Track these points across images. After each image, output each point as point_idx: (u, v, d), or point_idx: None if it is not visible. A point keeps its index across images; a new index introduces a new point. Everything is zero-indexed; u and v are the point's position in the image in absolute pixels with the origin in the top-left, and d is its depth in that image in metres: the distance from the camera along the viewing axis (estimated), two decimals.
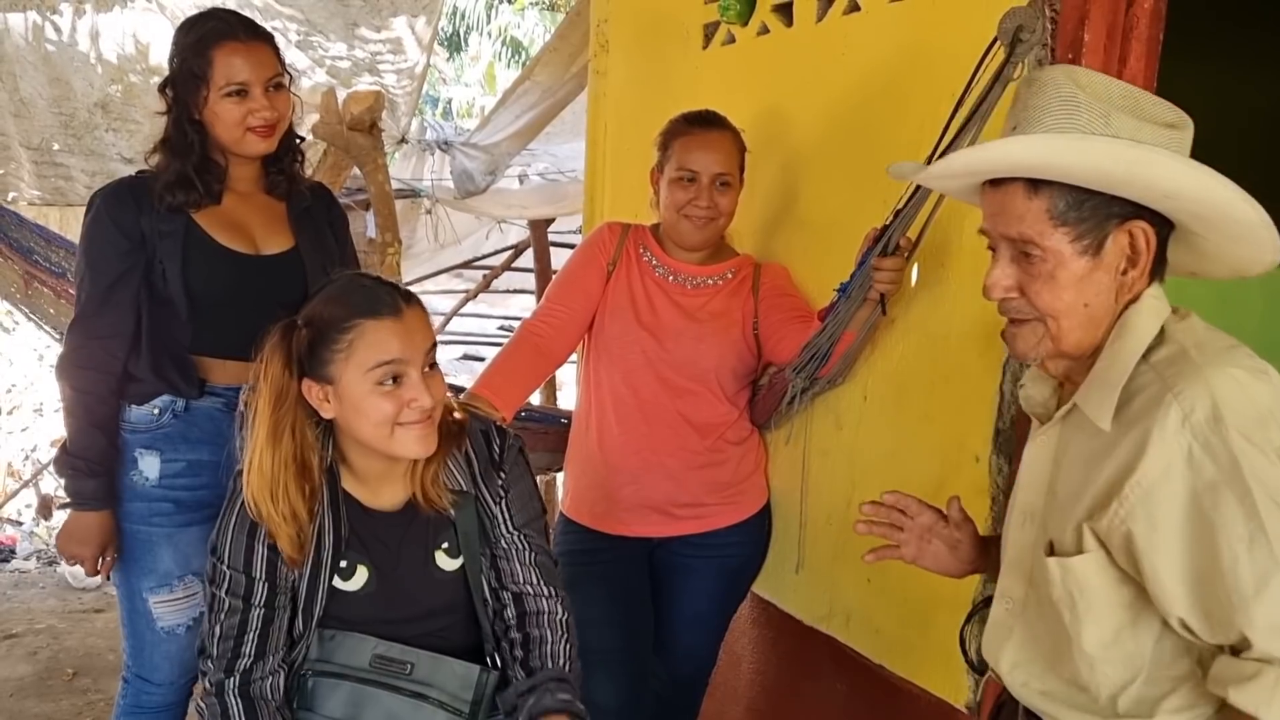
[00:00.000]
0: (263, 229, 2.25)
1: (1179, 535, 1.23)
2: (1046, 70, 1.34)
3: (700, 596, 2.60)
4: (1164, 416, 1.22)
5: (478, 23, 16.02)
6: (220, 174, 2.21)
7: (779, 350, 2.50)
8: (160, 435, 2.20)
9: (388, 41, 4.49)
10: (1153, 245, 1.29)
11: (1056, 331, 1.33)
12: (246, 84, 2.13)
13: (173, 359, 2.18)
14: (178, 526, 2.22)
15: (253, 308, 2.11)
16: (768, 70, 2.77)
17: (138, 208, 2.15)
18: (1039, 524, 1.42)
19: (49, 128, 4.19)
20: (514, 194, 6.29)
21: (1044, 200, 1.29)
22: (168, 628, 2.25)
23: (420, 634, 1.84)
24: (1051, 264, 1.30)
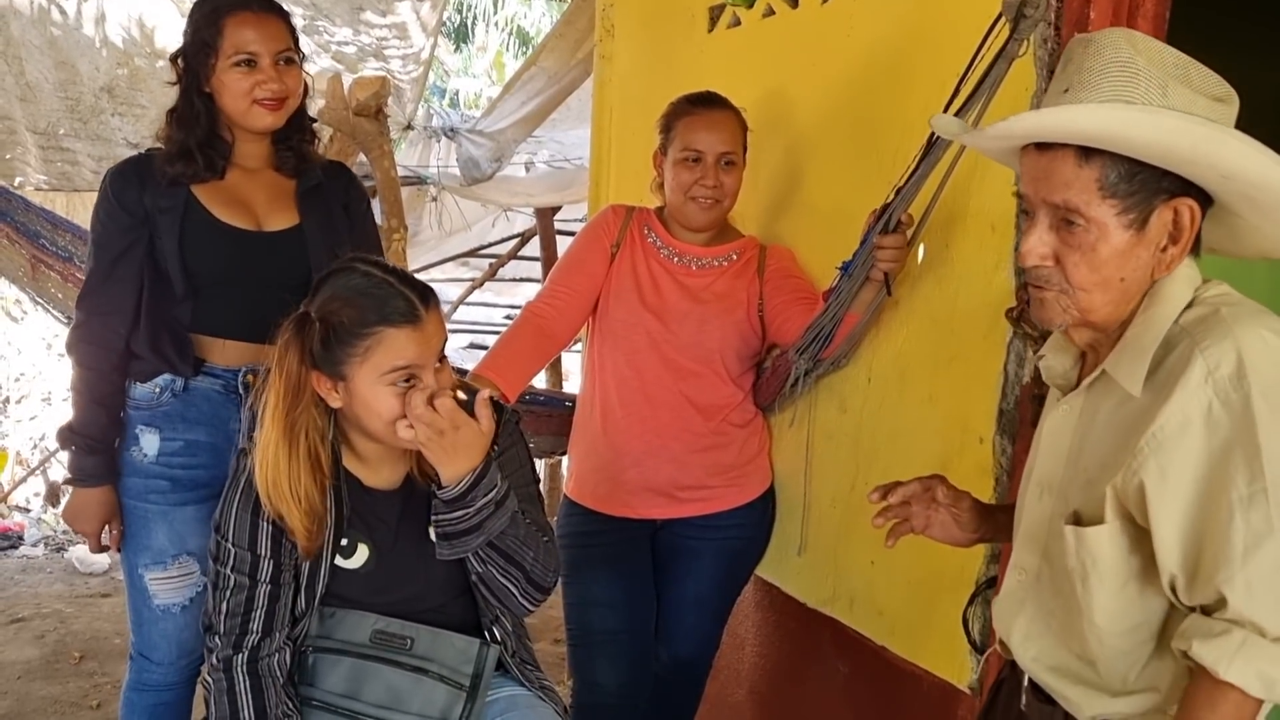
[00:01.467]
0: (267, 205, 2.22)
1: (1186, 488, 1.22)
2: (1104, 33, 1.30)
3: (703, 579, 2.59)
4: (1189, 370, 1.21)
5: (484, 13, 15.98)
6: (225, 149, 2.19)
7: (784, 332, 2.49)
8: (160, 413, 2.20)
9: (393, 27, 4.48)
10: (1198, 223, 1.27)
11: (1088, 304, 1.30)
12: (255, 54, 2.10)
13: (172, 337, 2.17)
14: (173, 505, 2.22)
15: (253, 286, 2.15)
16: (773, 53, 2.77)
17: (141, 184, 2.16)
18: (1058, 494, 1.40)
19: (55, 112, 4.19)
20: (520, 181, 6.29)
21: (1095, 169, 1.25)
22: (163, 605, 2.25)
23: (420, 610, 1.85)
24: (1095, 235, 1.27)
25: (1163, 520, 1.23)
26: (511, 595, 1.82)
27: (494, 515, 1.73)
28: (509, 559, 1.79)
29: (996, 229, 2.09)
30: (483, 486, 1.71)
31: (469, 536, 1.74)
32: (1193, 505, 1.22)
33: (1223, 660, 1.19)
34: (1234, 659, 1.18)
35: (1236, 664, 1.18)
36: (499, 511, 1.74)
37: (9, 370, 9.32)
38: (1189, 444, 1.21)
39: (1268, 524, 1.17)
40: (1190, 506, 1.22)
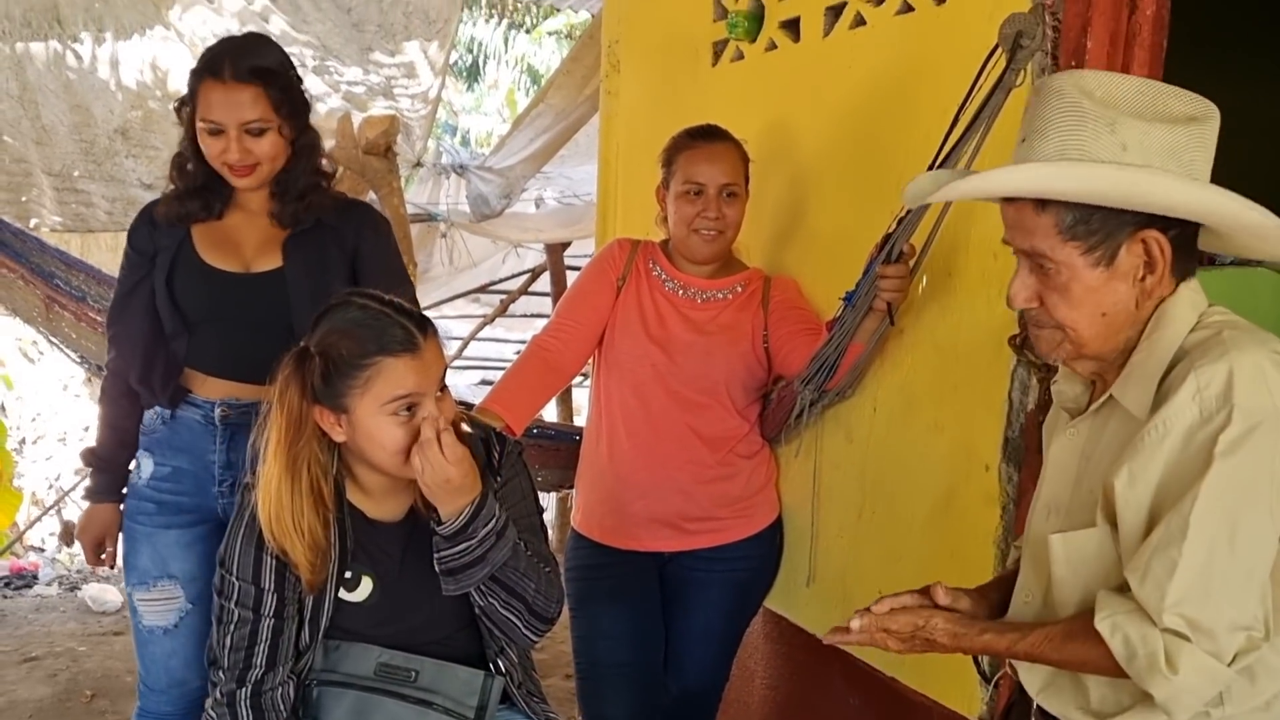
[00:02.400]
0: (257, 247, 2.25)
1: (1148, 493, 1.26)
2: (1054, 78, 1.35)
3: (712, 611, 2.58)
4: (1182, 386, 1.24)
5: (495, 52, 16.15)
6: (224, 192, 2.24)
7: (789, 363, 2.50)
8: (154, 439, 2.30)
9: (401, 66, 4.54)
10: (1167, 252, 1.29)
11: (1076, 339, 1.35)
12: (221, 124, 2.13)
13: (164, 369, 2.25)
14: (157, 527, 2.28)
15: (233, 325, 2.22)
16: (776, 85, 2.79)
17: (152, 224, 2.26)
18: (1064, 516, 1.42)
19: (70, 154, 4.25)
20: (530, 218, 6.34)
21: (1051, 216, 1.30)
22: (149, 626, 2.31)
23: (424, 642, 1.85)
24: (1065, 276, 1.31)
25: (1126, 519, 1.27)
26: (515, 627, 1.82)
27: (496, 546, 1.73)
28: (511, 591, 1.79)
29: (999, 257, 2.09)
30: (482, 517, 1.71)
31: (474, 569, 1.74)
32: (1150, 509, 1.26)
33: (1102, 610, 1.26)
34: (1114, 616, 1.25)
35: (1113, 620, 1.25)
36: (500, 542, 1.74)
37: (25, 410, 9.38)
38: (1162, 453, 1.24)
39: (1181, 530, 1.21)
40: (1149, 510, 1.26)
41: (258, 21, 4.12)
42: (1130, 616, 1.24)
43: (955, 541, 2.20)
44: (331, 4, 4.20)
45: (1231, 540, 1.21)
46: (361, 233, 2.33)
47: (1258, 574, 1.23)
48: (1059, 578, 1.37)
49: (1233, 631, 1.22)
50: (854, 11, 2.50)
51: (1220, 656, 1.22)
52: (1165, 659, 1.21)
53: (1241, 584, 1.22)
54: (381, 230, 2.40)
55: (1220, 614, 1.21)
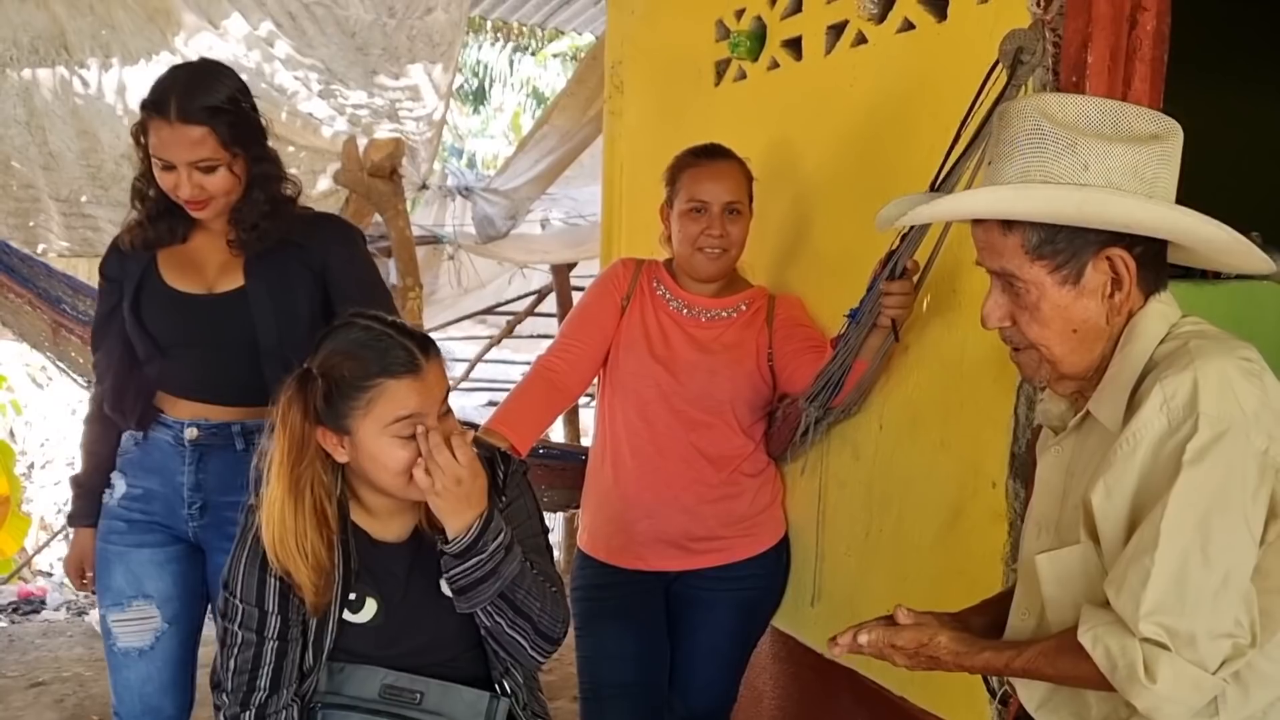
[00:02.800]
0: (219, 268, 2.24)
1: (1124, 505, 1.27)
2: (1015, 102, 1.39)
3: (718, 631, 2.57)
4: (1149, 398, 1.25)
5: (500, 75, 16.22)
6: (186, 216, 2.20)
7: (794, 381, 2.49)
8: (127, 460, 2.31)
9: (406, 89, 4.57)
10: (1133, 268, 1.32)
11: (1050, 357, 1.37)
12: (170, 162, 2.11)
13: (136, 393, 2.26)
14: (129, 546, 2.28)
15: (201, 347, 2.22)
16: (779, 104, 2.80)
17: (122, 252, 2.27)
18: (1054, 533, 1.43)
19: (77, 179, 4.27)
20: (536, 239, 6.36)
21: (1017, 237, 1.33)
22: (123, 649, 2.29)
23: (430, 663, 1.84)
24: (1035, 295, 1.34)
25: (1105, 533, 1.29)
26: (521, 647, 1.81)
27: (506, 560, 1.73)
28: (517, 611, 1.78)
29: None
30: (491, 530, 1.71)
31: (486, 584, 1.73)
32: (1127, 522, 1.27)
33: (1085, 622, 1.27)
34: (1095, 628, 1.26)
35: (1094, 632, 1.26)
36: (509, 556, 1.73)
37: (34, 435, 9.40)
38: (1135, 464, 1.26)
39: (1153, 538, 1.22)
40: (1126, 523, 1.27)
41: (263, 47, 4.15)
42: (1110, 628, 1.25)
43: (963, 559, 2.19)
44: (336, 28, 4.23)
45: (1204, 547, 1.21)
46: (329, 248, 2.28)
47: (1235, 580, 1.22)
48: (1050, 596, 1.38)
49: (1214, 639, 1.21)
50: (855, 30, 2.51)
51: (1203, 665, 1.21)
52: (1144, 668, 1.21)
53: (1217, 590, 1.21)
54: (351, 242, 2.36)
55: (1198, 622, 1.21)
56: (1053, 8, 1.92)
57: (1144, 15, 1.91)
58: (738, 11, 2.92)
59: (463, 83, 15.05)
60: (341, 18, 4.19)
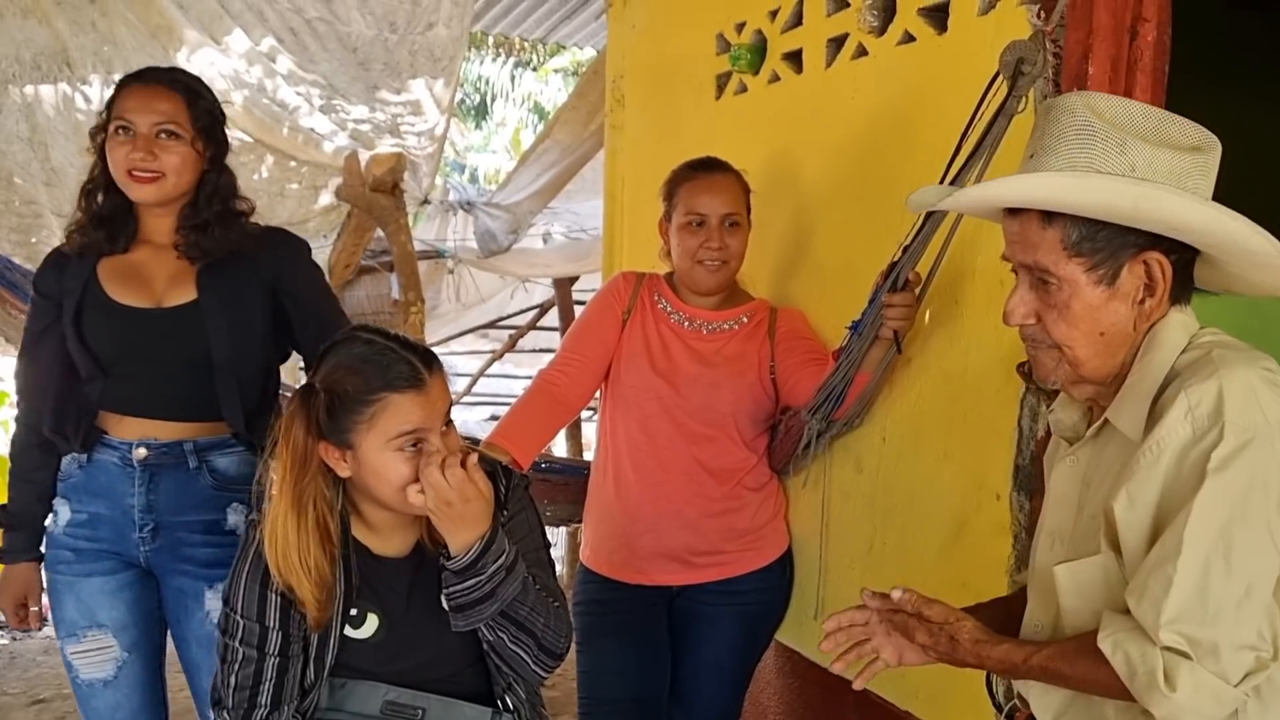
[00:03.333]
0: (168, 281, 2.17)
1: (1147, 514, 1.25)
2: (1064, 98, 1.35)
3: (721, 645, 2.56)
4: (1173, 407, 1.23)
5: (502, 90, 16.28)
6: (130, 224, 2.17)
7: (796, 393, 2.48)
8: (70, 485, 2.21)
9: (407, 104, 4.57)
10: (1169, 275, 1.30)
11: (1073, 359, 1.34)
12: (131, 123, 2.07)
13: (77, 415, 2.16)
14: (78, 575, 2.19)
15: (148, 362, 2.14)
16: (780, 117, 2.80)
17: (59, 268, 2.17)
18: (1069, 544, 1.41)
19: None
20: (537, 253, 6.37)
21: (1057, 231, 1.30)
22: (86, 680, 2.21)
23: (431, 679, 1.83)
24: (1067, 293, 1.31)
25: (1128, 541, 1.27)
26: (524, 663, 1.80)
27: (506, 581, 1.72)
28: (520, 627, 1.77)
29: (1005, 284, 2.06)
30: (492, 552, 1.69)
31: (483, 605, 1.72)
32: (1150, 531, 1.25)
33: (1105, 629, 1.26)
34: (1115, 634, 1.24)
35: (1114, 638, 1.24)
36: (510, 577, 1.72)
37: None
38: (1158, 473, 1.24)
39: (1176, 546, 1.20)
40: (1149, 532, 1.25)
41: (265, 62, 4.16)
42: (1131, 634, 1.23)
43: (967, 572, 2.17)
44: (338, 44, 4.23)
45: (1227, 556, 1.20)
46: (281, 261, 2.26)
47: (1258, 591, 1.21)
48: (1068, 608, 1.36)
49: (1238, 650, 1.20)
50: (856, 42, 2.51)
51: (1225, 676, 1.20)
52: (1164, 676, 1.20)
53: (1240, 600, 1.20)
54: (300, 253, 2.33)
55: (1221, 632, 1.19)
56: (1053, 19, 1.91)
57: (1144, 26, 1.91)
58: (738, 25, 2.93)
59: (464, 97, 15.11)
60: (343, 33, 4.19)
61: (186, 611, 2.22)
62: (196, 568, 2.20)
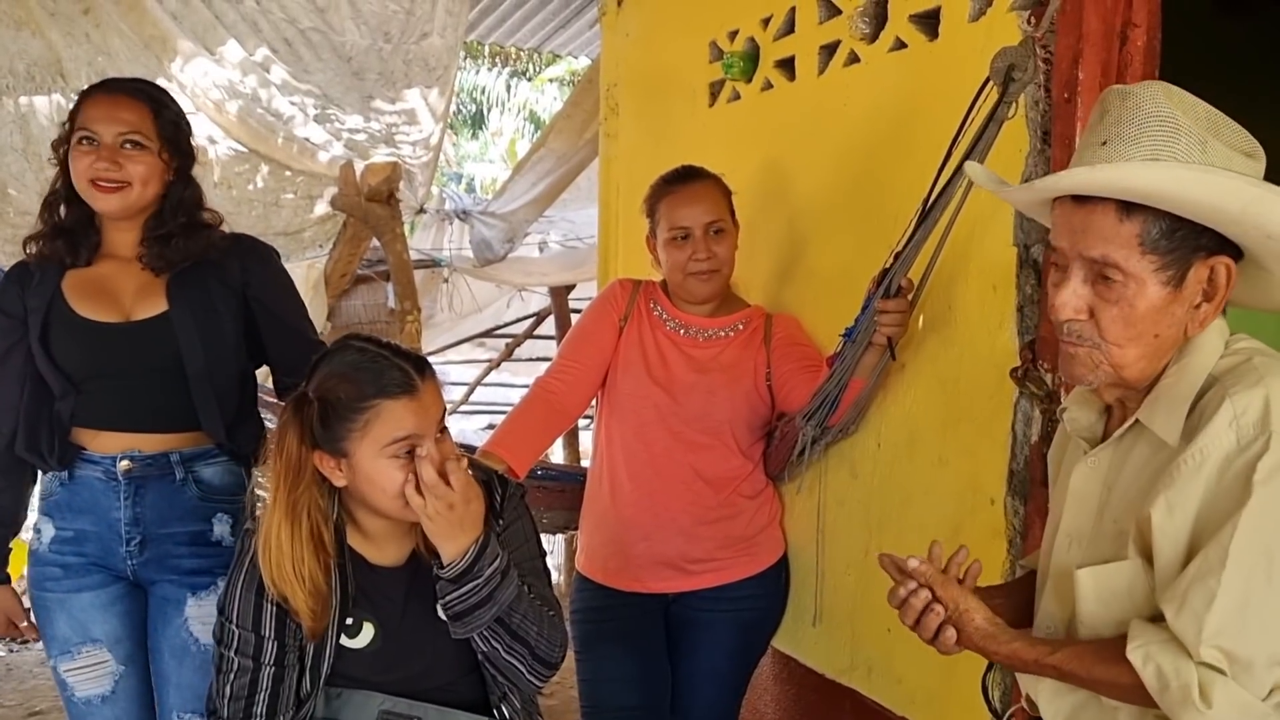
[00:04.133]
0: (136, 294, 2.14)
1: (1187, 524, 1.22)
2: (1142, 86, 1.29)
3: (718, 652, 2.55)
4: (1218, 413, 1.21)
5: (498, 100, 16.31)
6: (92, 237, 2.14)
7: (791, 400, 2.49)
8: (52, 503, 2.19)
9: (402, 113, 4.58)
10: (1234, 281, 1.27)
11: (1120, 360, 1.29)
12: (96, 134, 2.05)
13: (50, 432, 2.13)
14: (68, 592, 2.17)
15: (121, 376, 2.11)
16: (773, 124, 2.81)
17: (22, 285, 2.13)
18: (1087, 546, 1.38)
19: None
20: (533, 261, 6.37)
21: (1136, 225, 1.24)
22: (83, 698, 2.19)
23: (427, 688, 1.82)
24: (1133, 290, 1.25)
25: (1163, 550, 1.23)
26: (519, 673, 1.80)
27: (502, 584, 1.71)
28: (515, 636, 1.76)
29: (998, 289, 2.09)
30: (487, 556, 1.69)
31: (481, 610, 1.72)
32: (1189, 540, 1.22)
33: (1136, 639, 1.22)
34: (1147, 646, 1.21)
35: (1145, 650, 1.21)
36: (506, 580, 1.72)
37: None
38: (1200, 482, 1.21)
39: (1220, 559, 1.17)
40: (1187, 541, 1.22)
41: (259, 72, 4.16)
42: (1165, 647, 1.20)
43: None
44: (332, 53, 4.24)
45: (1269, 571, 1.17)
46: (248, 266, 2.24)
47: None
48: (1088, 612, 1.33)
49: (1271, 666, 1.18)
50: (848, 50, 2.52)
51: (1257, 692, 1.18)
52: (1199, 692, 1.17)
53: (1277, 616, 1.18)
54: (268, 258, 2.31)
55: (1259, 648, 1.17)
56: (1043, 25, 1.92)
57: (1134, 31, 1.91)
58: (731, 33, 2.94)
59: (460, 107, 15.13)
60: (338, 43, 4.20)
61: (165, 619, 2.19)
62: (181, 576, 2.18)
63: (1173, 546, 1.23)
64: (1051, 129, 1.98)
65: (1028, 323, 2.04)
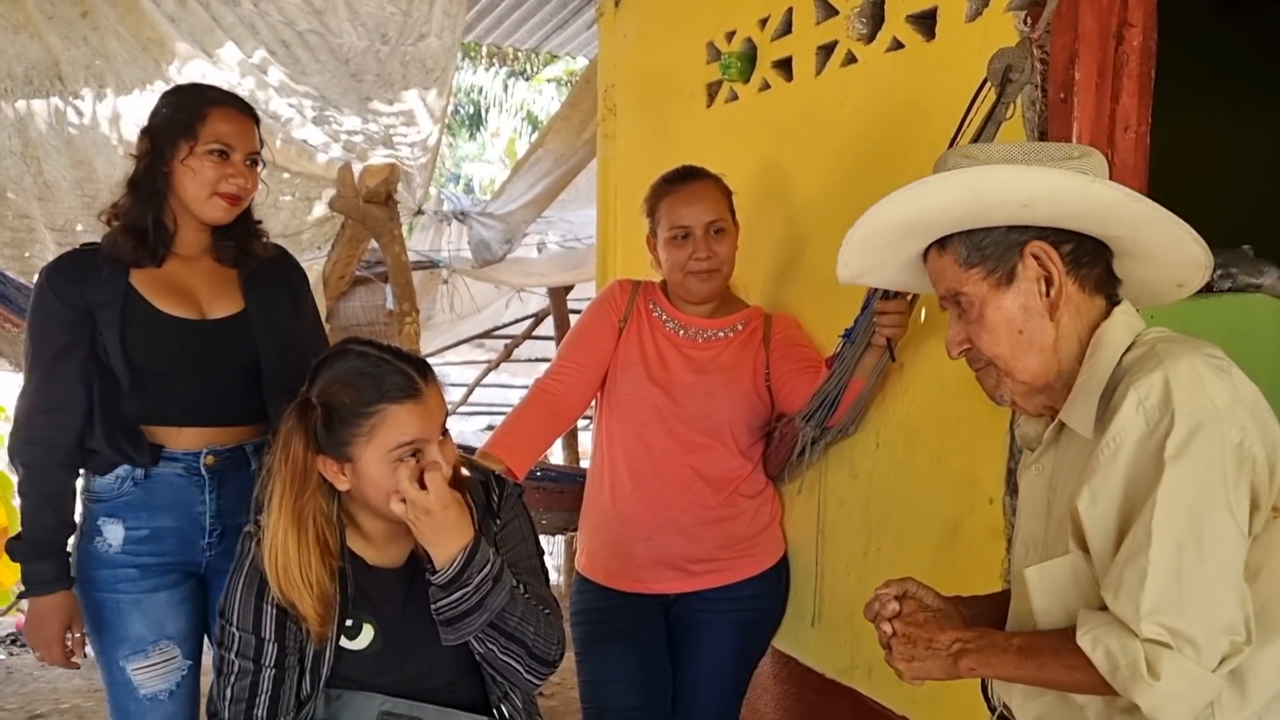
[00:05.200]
0: (209, 292, 2.21)
1: (1112, 510, 1.28)
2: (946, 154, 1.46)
3: (718, 652, 2.56)
4: (1124, 402, 1.27)
5: (496, 100, 16.30)
6: (167, 237, 2.18)
7: (791, 400, 2.49)
8: (122, 503, 2.17)
9: (400, 114, 4.57)
10: (1055, 258, 1.37)
11: (1006, 367, 1.42)
12: (231, 148, 2.14)
13: (123, 430, 2.14)
14: (144, 592, 2.18)
15: (201, 373, 2.15)
16: (770, 125, 2.81)
17: (80, 279, 2.12)
18: (1042, 550, 1.43)
19: (72, 209, 4.28)
20: (532, 262, 6.36)
21: (951, 253, 1.41)
22: (150, 694, 2.20)
23: (427, 689, 1.83)
24: (978, 306, 1.40)
25: (1095, 538, 1.29)
26: (517, 672, 1.80)
27: (493, 591, 1.72)
28: (510, 637, 1.77)
29: None
30: (476, 562, 1.69)
31: (472, 616, 1.72)
32: (1116, 525, 1.27)
33: (1083, 625, 1.26)
34: (1094, 630, 1.25)
35: (1093, 634, 1.25)
36: (497, 587, 1.72)
37: None
38: (1118, 468, 1.27)
39: (1146, 537, 1.22)
40: (1115, 526, 1.28)
41: (256, 74, 4.16)
42: (1110, 628, 1.24)
43: (961, 576, 2.17)
44: (330, 55, 4.24)
45: (1198, 542, 1.21)
46: (293, 274, 2.38)
47: (1228, 574, 1.22)
48: (1041, 610, 1.38)
49: (1214, 635, 1.21)
50: (845, 50, 2.52)
51: (1204, 663, 1.21)
52: (1147, 666, 1.21)
53: (1214, 585, 1.22)
54: (303, 275, 2.44)
55: (1198, 618, 1.21)
56: (1040, 25, 1.92)
57: (1130, 31, 1.92)
58: (728, 33, 2.94)
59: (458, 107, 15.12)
60: (335, 45, 4.20)
61: None
62: None
63: (1102, 533, 1.29)
64: (1048, 129, 1.98)
65: None
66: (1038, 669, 1.33)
